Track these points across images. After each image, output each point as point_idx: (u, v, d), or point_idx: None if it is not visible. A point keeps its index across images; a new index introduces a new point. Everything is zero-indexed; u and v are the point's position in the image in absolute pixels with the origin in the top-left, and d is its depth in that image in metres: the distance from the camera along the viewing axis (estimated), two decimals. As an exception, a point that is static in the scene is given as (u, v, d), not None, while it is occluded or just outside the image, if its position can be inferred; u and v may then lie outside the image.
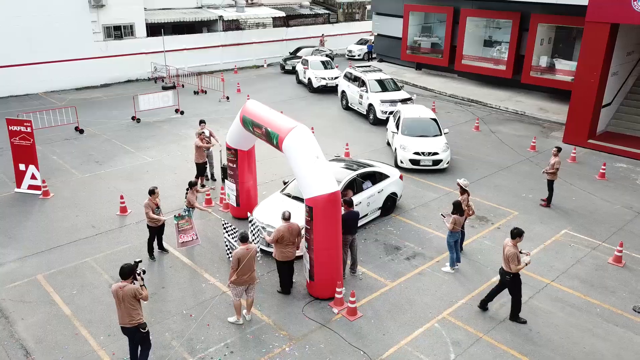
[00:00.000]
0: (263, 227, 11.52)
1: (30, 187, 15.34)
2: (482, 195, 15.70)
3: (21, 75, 26.83)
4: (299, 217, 10.96)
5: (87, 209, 14.50)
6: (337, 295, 10.42)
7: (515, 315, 10.13)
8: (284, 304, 10.58)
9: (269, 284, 11.19)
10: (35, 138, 19.62)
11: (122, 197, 14.31)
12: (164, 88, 27.62)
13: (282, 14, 37.86)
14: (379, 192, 13.66)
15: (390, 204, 14.20)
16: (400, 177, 14.58)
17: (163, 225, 12.04)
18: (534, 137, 20.31)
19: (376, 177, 13.87)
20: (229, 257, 11.50)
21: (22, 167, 15.23)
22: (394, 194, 14.24)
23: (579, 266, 12.05)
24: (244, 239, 9.44)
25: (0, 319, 10.01)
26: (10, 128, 15.10)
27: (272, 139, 11.10)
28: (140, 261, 8.49)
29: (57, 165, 17.63)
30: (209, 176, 16.66)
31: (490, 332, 9.82)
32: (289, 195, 12.95)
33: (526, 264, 9.74)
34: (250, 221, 11.21)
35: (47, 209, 14.53)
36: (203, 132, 15.73)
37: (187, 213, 11.79)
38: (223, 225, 11.69)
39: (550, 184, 14.86)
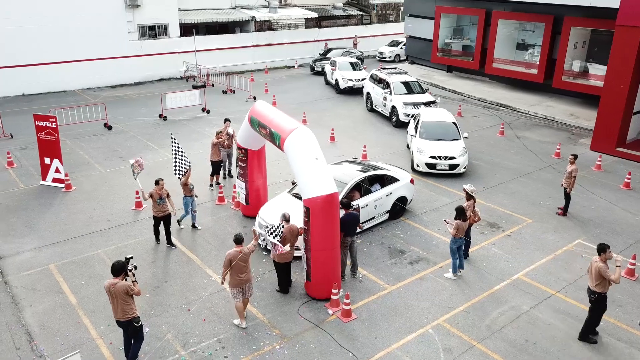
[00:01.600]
0: (267, 227, 11.64)
1: (55, 180, 15.98)
2: (497, 201, 15.43)
3: (59, 72, 27.94)
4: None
5: (104, 202, 15.02)
6: (333, 297, 10.46)
7: (585, 334, 9.71)
8: (281, 303, 10.71)
9: (268, 282, 11.33)
10: (66, 133, 20.65)
11: (137, 192, 14.74)
12: (195, 87, 28.23)
13: (315, 14, 38.04)
14: (387, 196, 13.60)
15: (399, 208, 14.12)
16: (411, 181, 14.46)
17: (169, 217, 12.48)
18: (559, 143, 19.79)
19: (385, 180, 13.81)
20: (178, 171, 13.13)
21: (47, 160, 15.89)
22: (404, 197, 14.15)
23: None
24: (238, 240, 9.56)
25: (10, 305, 10.52)
26: (36, 123, 15.78)
27: (275, 139, 11.26)
28: (132, 257, 8.71)
29: (83, 159, 18.31)
30: (226, 173, 16.96)
31: (484, 341, 9.67)
32: (296, 196, 13.05)
33: (618, 266, 9.13)
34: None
35: (67, 201, 15.12)
36: (220, 132, 16.02)
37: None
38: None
39: (568, 192, 14.46)
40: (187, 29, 32.16)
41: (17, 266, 11.87)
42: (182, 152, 13.20)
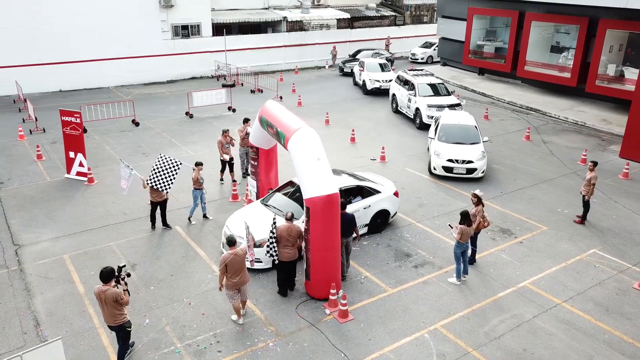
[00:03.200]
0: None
1: (78, 173, 16.58)
2: (512, 207, 15.11)
3: (94, 70, 28.98)
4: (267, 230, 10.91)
5: (122, 196, 15.40)
6: (331, 297, 10.48)
7: None
8: (279, 301, 10.80)
9: (270, 279, 11.43)
10: (95, 129, 21.41)
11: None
12: (224, 86, 28.75)
13: (347, 15, 38.04)
14: (364, 208, 12.95)
15: (381, 221, 13.48)
16: (396, 194, 13.75)
17: (165, 202, 13.27)
18: (585, 149, 19.20)
19: (364, 192, 13.12)
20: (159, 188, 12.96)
21: (71, 154, 16.50)
22: (386, 210, 13.48)
23: (599, 289, 11.33)
24: (231, 243, 9.68)
25: (23, 292, 10.99)
26: (62, 118, 16.41)
27: (280, 138, 11.39)
28: (124, 266, 8.81)
29: (108, 154, 18.91)
30: (243, 171, 17.18)
31: (480, 348, 9.51)
32: (267, 205, 12.67)
33: None
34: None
35: (88, 194, 15.66)
36: (227, 130, 16.28)
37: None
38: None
39: (586, 199, 14.03)
40: (220, 29, 32.72)
41: (33, 255, 12.39)
42: (172, 170, 13.05)
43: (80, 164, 16.50)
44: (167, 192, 13.09)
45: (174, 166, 13.08)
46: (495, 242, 13.21)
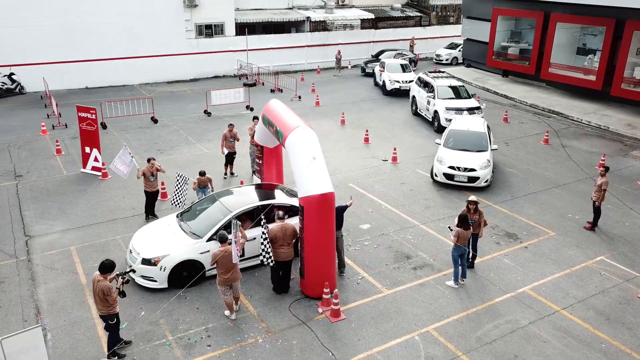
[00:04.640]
0: (130, 251, 11.39)
1: (93, 168, 17.03)
2: (522, 211, 14.83)
3: (121, 67, 29.68)
4: (177, 247, 10.89)
5: (134, 191, 15.79)
6: (324, 296, 10.50)
7: None
8: (274, 298, 10.88)
9: (268, 276, 11.50)
10: (115, 125, 21.92)
11: (162, 183, 15.40)
12: (245, 85, 29.06)
13: (371, 15, 37.90)
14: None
15: None
16: None
17: (157, 193, 13.91)
18: (604, 154, 18.68)
19: (293, 211, 11.64)
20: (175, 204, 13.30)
21: (87, 149, 16.96)
22: None
23: (602, 297, 11.04)
24: (222, 239, 9.82)
25: (28, 281, 11.37)
26: (79, 114, 16.89)
27: (279, 137, 11.48)
28: (134, 271, 9.06)
29: (125, 150, 19.34)
30: (253, 169, 17.35)
31: (470, 353, 9.39)
32: (182, 219, 11.96)
33: None
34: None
35: (101, 188, 16.07)
36: (232, 125, 16.48)
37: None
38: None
39: (597, 205, 13.67)
40: (243, 29, 33.05)
41: (42, 246, 12.79)
42: (184, 186, 13.22)
43: (95, 159, 16.94)
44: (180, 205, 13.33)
45: (184, 182, 13.25)
46: (499, 246, 13.00)
